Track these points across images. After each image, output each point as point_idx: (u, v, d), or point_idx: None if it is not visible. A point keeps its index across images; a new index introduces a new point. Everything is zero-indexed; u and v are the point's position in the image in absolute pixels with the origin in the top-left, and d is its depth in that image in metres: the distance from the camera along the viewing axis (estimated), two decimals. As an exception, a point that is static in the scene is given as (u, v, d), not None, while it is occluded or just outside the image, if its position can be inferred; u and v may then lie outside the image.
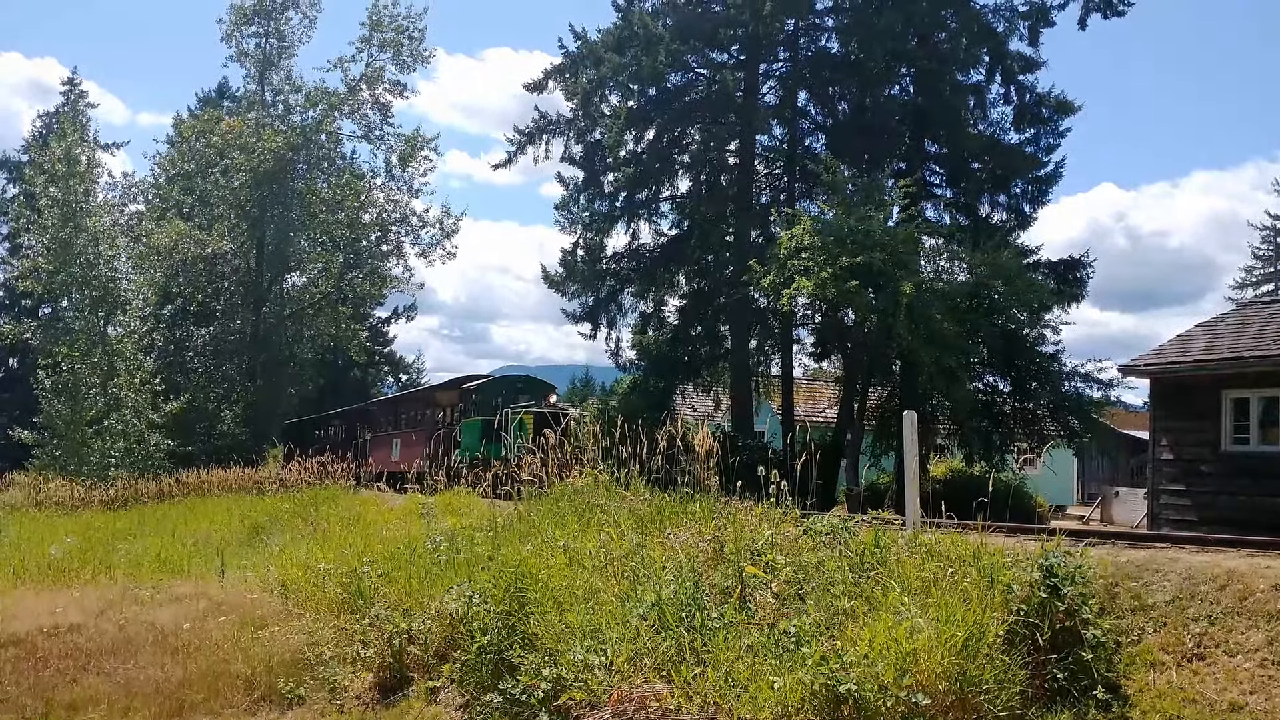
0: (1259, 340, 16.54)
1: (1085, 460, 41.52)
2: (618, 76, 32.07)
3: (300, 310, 50.80)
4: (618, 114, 32.95)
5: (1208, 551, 9.08)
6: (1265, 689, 6.77)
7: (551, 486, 13.62)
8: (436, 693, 10.36)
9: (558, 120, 34.84)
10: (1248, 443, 16.12)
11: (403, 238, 51.16)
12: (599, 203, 35.12)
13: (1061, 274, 31.13)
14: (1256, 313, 18.81)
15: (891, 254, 23.62)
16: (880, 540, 9.11)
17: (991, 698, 6.88)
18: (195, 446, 43.67)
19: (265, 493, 28.88)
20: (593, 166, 34.70)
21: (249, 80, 51.88)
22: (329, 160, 50.08)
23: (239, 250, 48.22)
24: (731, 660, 7.46)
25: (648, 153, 33.95)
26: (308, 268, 51.81)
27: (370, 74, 48.10)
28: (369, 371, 65.57)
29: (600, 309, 35.55)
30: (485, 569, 10.97)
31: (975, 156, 32.14)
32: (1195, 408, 16.75)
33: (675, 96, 33.35)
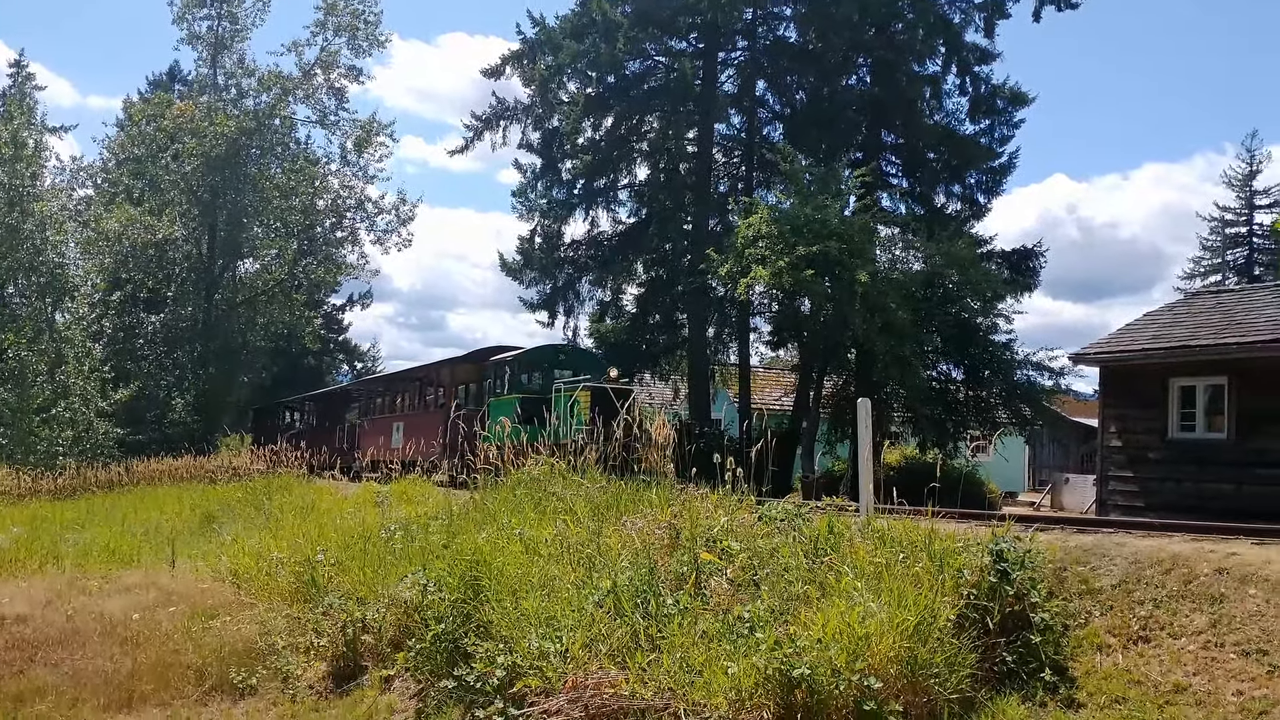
0: (1205, 330, 16.84)
1: (1036, 447, 42.13)
2: (576, 63, 31.92)
3: (253, 297, 50.15)
4: (576, 101, 32.83)
5: (1154, 536, 9.24)
6: (1208, 670, 6.92)
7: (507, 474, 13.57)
8: (390, 681, 10.33)
9: (515, 107, 34.66)
10: (1194, 430, 16.43)
11: (358, 224, 50.68)
12: (557, 190, 34.99)
13: (1014, 264, 31.51)
14: (1203, 302, 19.15)
15: (847, 243, 23.78)
16: (834, 526, 9.19)
17: (942, 680, 6.97)
18: (146, 435, 43.02)
19: (218, 481, 28.53)
20: (551, 154, 34.55)
21: (201, 64, 51.11)
22: (283, 145, 49.40)
23: (190, 236, 47.48)
24: (686, 646, 7.49)
25: (606, 140, 33.87)
26: (261, 254, 51.12)
27: (325, 58, 47.52)
28: (323, 359, 64.97)
29: (558, 297, 35.47)
30: (440, 557, 10.93)
31: (931, 147, 32.41)
32: (1143, 396, 17.03)
33: (634, 84, 33.28)
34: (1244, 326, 16.35)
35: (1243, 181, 58.21)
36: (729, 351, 36.25)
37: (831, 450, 30.51)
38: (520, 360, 23.59)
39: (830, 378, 30.33)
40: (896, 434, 30.57)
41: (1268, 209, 56.11)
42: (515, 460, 14.14)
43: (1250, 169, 57.80)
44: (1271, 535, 8.84)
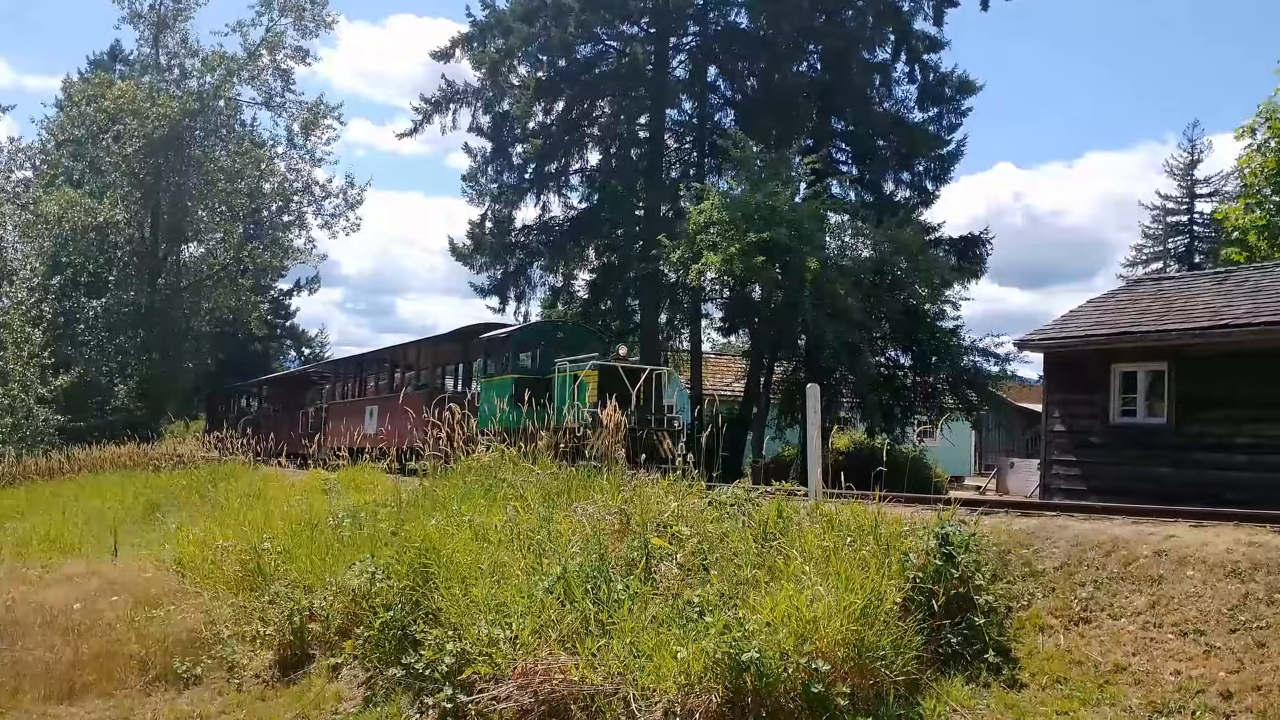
0: (1146, 316, 17.16)
1: (983, 432, 42.76)
2: (527, 47, 31.76)
3: (198, 282, 49.27)
4: (527, 85, 32.67)
5: (1095, 519, 9.41)
6: (1147, 650, 7.06)
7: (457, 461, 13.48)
8: (339, 669, 10.23)
9: (465, 90, 34.40)
10: (1135, 415, 16.74)
11: (305, 208, 49.88)
12: (508, 174, 34.83)
13: (962, 251, 31.91)
14: (1145, 289, 19.51)
15: (798, 230, 23.93)
16: (783, 511, 9.25)
17: (888, 663, 7.05)
18: (87, 422, 42.19)
19: (162, 469, 28.05)
20: (501, 137, 34.36)
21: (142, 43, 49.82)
22: (227, 127, 48.49)
23: (132, 219, 46.49)
24: (636, 631, 7.50)
25: (557, 124, 33.74)
26: (205, 238, 50.20)
27: (271, 39, 46.66)
28: (270, 345, 64.15)
29: (509, 282, 35.33)
30: (389, 544, 10.85)
31: (880, 134, 32.69)
32: (1086, 381, 17.32)
33: (585, 68, 33.18)
34: (1184, 313, 16.68)
35: (1184, 171, 59.35)
36: (681, 338, 36.36)
37: (781, 436, 30.73)
38: (515, 338, 21.72)
39: (780, 364, 30.54)
40: (846, 419, 30.86)
41: (1208, 198, 57.28)
42: (512, 443, 13.77)
43: (1191, 158, 58.96)
44: (1209, 518, 9.04)
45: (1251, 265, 21.36)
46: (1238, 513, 9.22)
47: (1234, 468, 15.01)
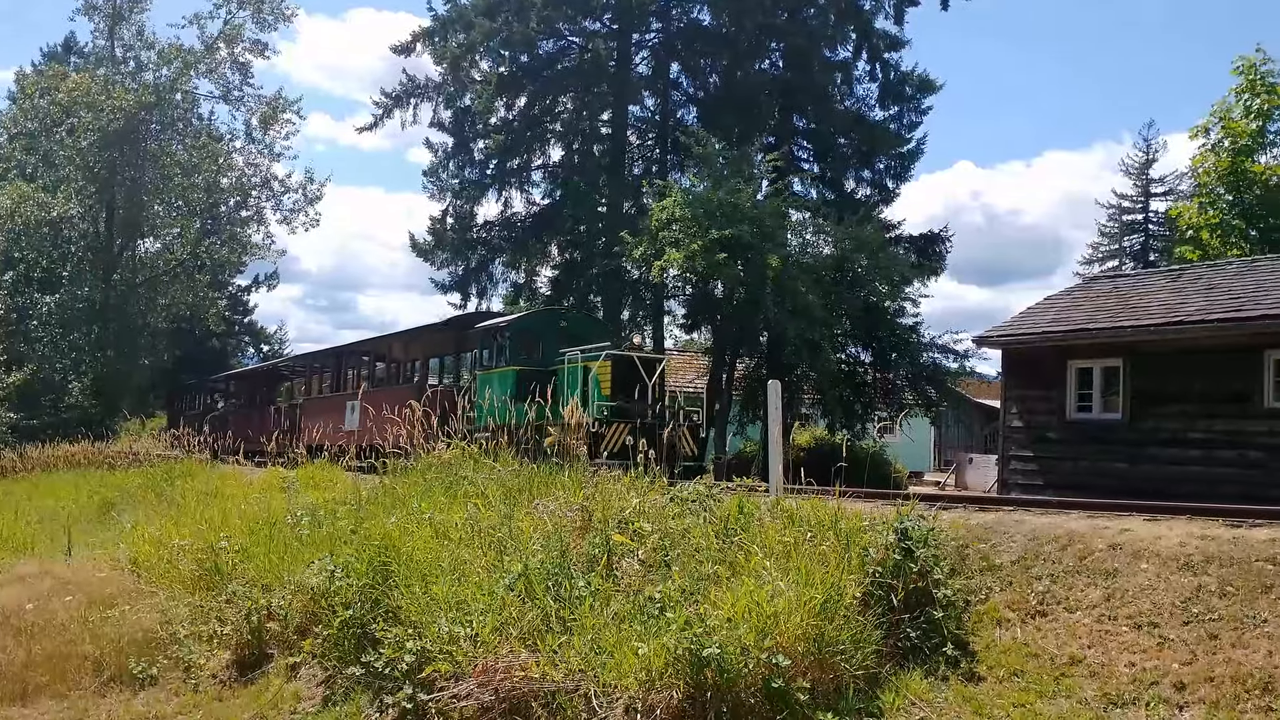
0: (1101, 313, 17.38)
1: (942, 428, 43.11)
2: (489, 41, 31.58)
3: (154, 277, 48.57)
4: (489, 80, 32.49)
5: (1051, 514, 9.53)
6: (1102, 643, 7.16)
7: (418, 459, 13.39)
8: (297, 669, 10.16)
9: (426, 84, 34.19)
10: (1091, 411, 16.96)
11: (263, 203, 49.31)
12: (469, 170, 34.66)
13: (921, 248, 32.18)
14: (1100, 287, 19.77)
15: (760, 227, 24.00)
16: (744, 507, 9.28)
17: (848, 657, 7.09)
18: (41, 420, 41.44)
19: (117, 467, 27.64)
20: (463, 133, 34.18)
21: (98, 35, 49.08)
22: (184, 121, 47.85)
23: (87, 214, 45.74)
24: (597, 628, 7.49)
25: (519, 120, 33.61)
26: (162, 233, 49.50)
27: (229, 32, 46.07)
28: (229, 341, 63.45)
29: (471, 279, 35.15)
30: (348, 542, 10.77)
31: (842, 132, 32.86)
32: (1043, 377, 17.51)
33: (547, 64, 33.07)
34: (1138, 310, 16.91)
35: (1139, 170, 60.18)
36: (644, 334, 36.37)
37: (743, 432, 30.83)
38: (516, 327, 20.22)
39: (742, 360, 30.63)
40: (807, 415, 31.02)
41: (1163, 197, 58.11)
42: (514, 441, 13.52)
43: (1147, 158, 59.81)
44: (1163, 512, 9.18)
45: (1205, 263, 21.70)
46: (1191, 506, 9.37)
47: (1188, 462, 15.25)
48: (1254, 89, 27.92)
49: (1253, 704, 6.14)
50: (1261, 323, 14.48)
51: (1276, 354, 14.62)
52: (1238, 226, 27.51)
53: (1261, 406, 14.63)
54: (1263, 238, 26.76)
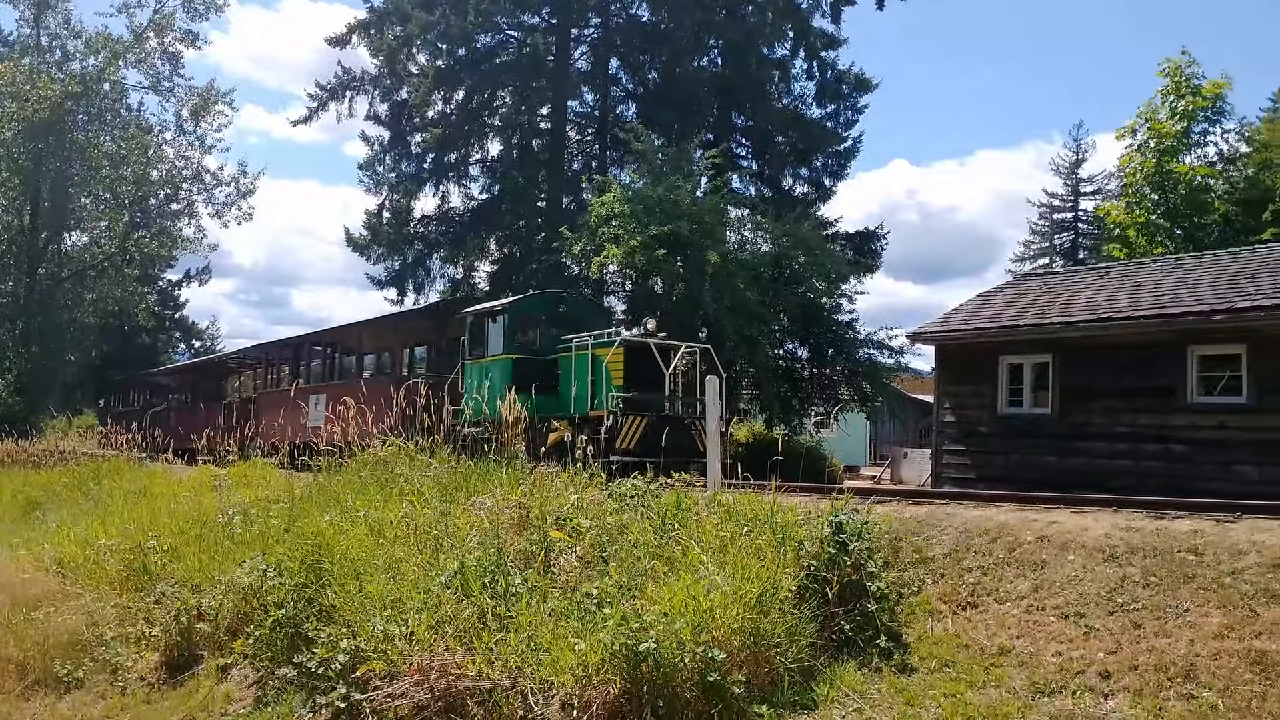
0: (1032, 310, 17.68)
1: (878, 423, 43.66)
2: (425, 34, 31.31)
3: (81, 271, 47.39)
4: (426, 73, 32.23)
5: (982, 507, 9.69)
6: (1030, 633, 7.29)
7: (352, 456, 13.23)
8: (228, 670, 10.00)
9: (362, 77, 33.81)
10: (1021, 405, 17.24)
11: (195, 196, 48.37)
12: (406, 163, 34.34)
13: (858, 246, 32.55)
14: (1031, 284, 20.12)
15: (699, 224, 24.09)
16: (682, 502, 9.32)
17: (783, 650, 7.15)
18: (-39, 418, 40.24)
19: (42, 466, 26.92)
20: (399, 126, 33.86)
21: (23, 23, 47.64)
22: (113, 112, 46.68)
23: (11, 206, 44.49)
24: (534, 625, 7.47)
25: (457, 114, 33.36)
26: (89, 226, 48.28)
27: (159, 21, 45.05)
28: (159, 337, 62.13)
29: (407, 274, 34.85)
30: (281, 541, 10.63)
31: (779, 130, 33.11)
32: (975, 373, 17.77)
33: (485, 58, 32.86)
34: (1067, 307, 17.23)
35: (1069, 169, 61.42)
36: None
37: (682, 428, 30.86)
38: (510, 312, 18.26)
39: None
40: (745, 411, 31.18)
41: (1092, 196, 59.33)
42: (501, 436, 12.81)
43: (1076, 157, 61.05)
44: (1089, 504, 9.38)
45: (1131, 261, 22.19)
46: (1116, 499, 9.59)
47: (1115, 456, 15.58)
48: (1179, 91, 28.62)
49: (1175, 691, 6.29)
50: (1185, 319, 14.83)
51: (1200, 350, 15.00)
52: (1163, 226, 28.17)
53: (1185, 401, 15.00)
54: (1186, 237, 27.44)
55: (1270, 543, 7.35)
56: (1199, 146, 29.05)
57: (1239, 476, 13.96)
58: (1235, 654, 6.39)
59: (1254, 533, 7.67)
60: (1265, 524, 7.97)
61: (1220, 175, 28.75)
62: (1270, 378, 14.17)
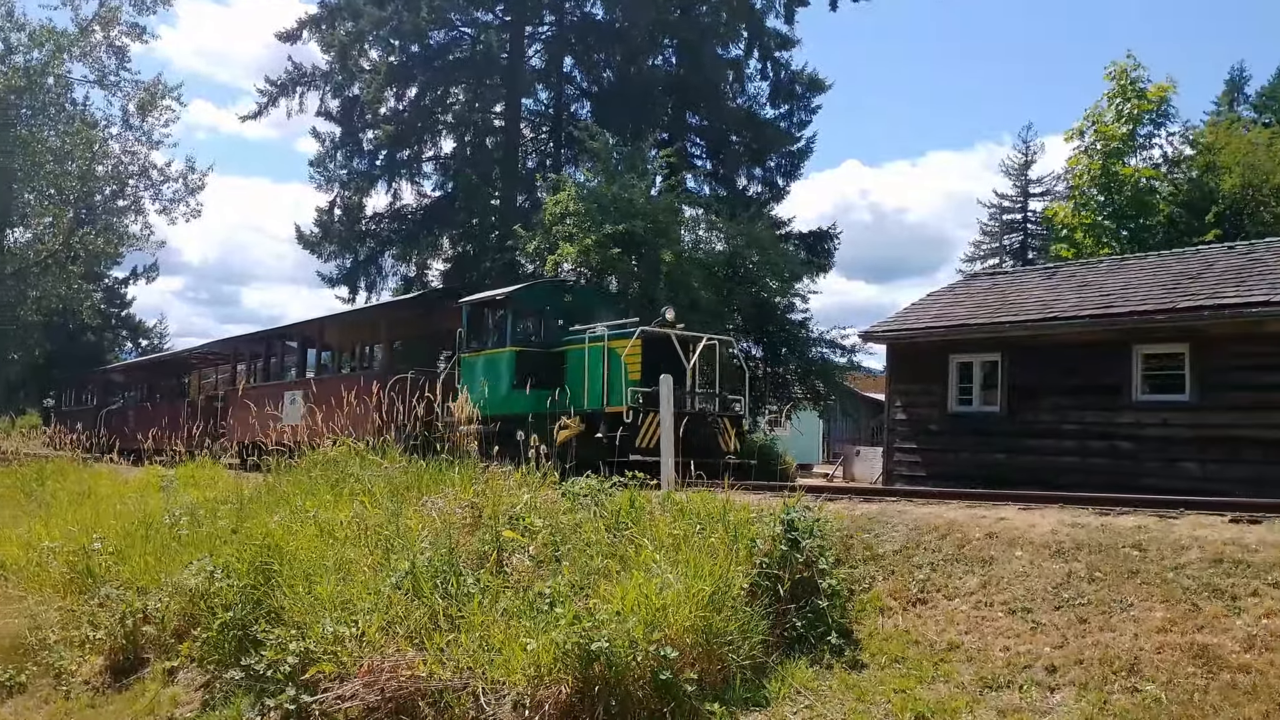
0: (981, 309, 17.91)
1: (831, 421, 43.99)
2: (378, 30, 31.06)
3: (24, 268, 46.39)
4: (378, 69, 31.99)
5: (932, 504, 9.80)
6: (978, 629, 7.37)
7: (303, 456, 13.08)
8: (175, 673, 9.86)
9: (314, 73, 33.47)
10: (971, 404, 17.46)
11: (142, 192, 47.52)
12: (358, 160, 34.06)
13: (811, 245, 32.77)
14: (981, 284, 20.37)
15: (653, 223, 24.11)
16: (635, 500, 9.31)
17: (735, 648, 7.17)
18: (-101, 417, 39.28)
19: (-19, 467, 26.32)
20: (351, 123, 33.57)
21: (-37, 16, 46.67)
22: (57, 106, 45.71)
23: (-48, 202, 43.55)
24: (486, 625, 7.43)
25: (410, 111, 33.15)
26: (33, 223, 47.31)
27: (105, 14, 44.22)
28: (105, 335, 61.06)
29: (359, 271, 34.56)
30: (229, 542, 10.49)
31: (734, 130, 33.26)
32: (926, 371, 17.96)
33: (438, 54, 32.67)
34: (1016, 306, 17.47)
35: (1019, 171, 62.35)
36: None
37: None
38: (514, 301, 17.02)
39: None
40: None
41: (1041, 197, 60.26)
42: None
43: (1026, 159, 61.99)
44: (1036, 501, 9.52)
45: (1078, 262, 22.55)
46: (1062, 496, 9.74)
47: (1062, 453, 15.83)
48: (1125, 94, 29.10)
49: (1119, 685, 6.39)
50: (1130, 319, 15.10)
51: (1144, 349, 15.27)
52: (1109, 227, 28.64)
53: (1130, 399, 15.27)
54: (1132, 237, 27.92)
55: (1211, 538, 7.49)
56: (1144, 149, 29.58)
57: (1182, 473, 14.25)
58: (1178, 647, 6.50)
59: (1196, 528, 7.82)
60: (1206, 520, 8.14)
61: (1165, 177, 29.28)
62: (1212, 376, 14.47)
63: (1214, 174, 28.18)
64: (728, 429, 14.95)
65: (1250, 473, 13.53)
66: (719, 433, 14.62)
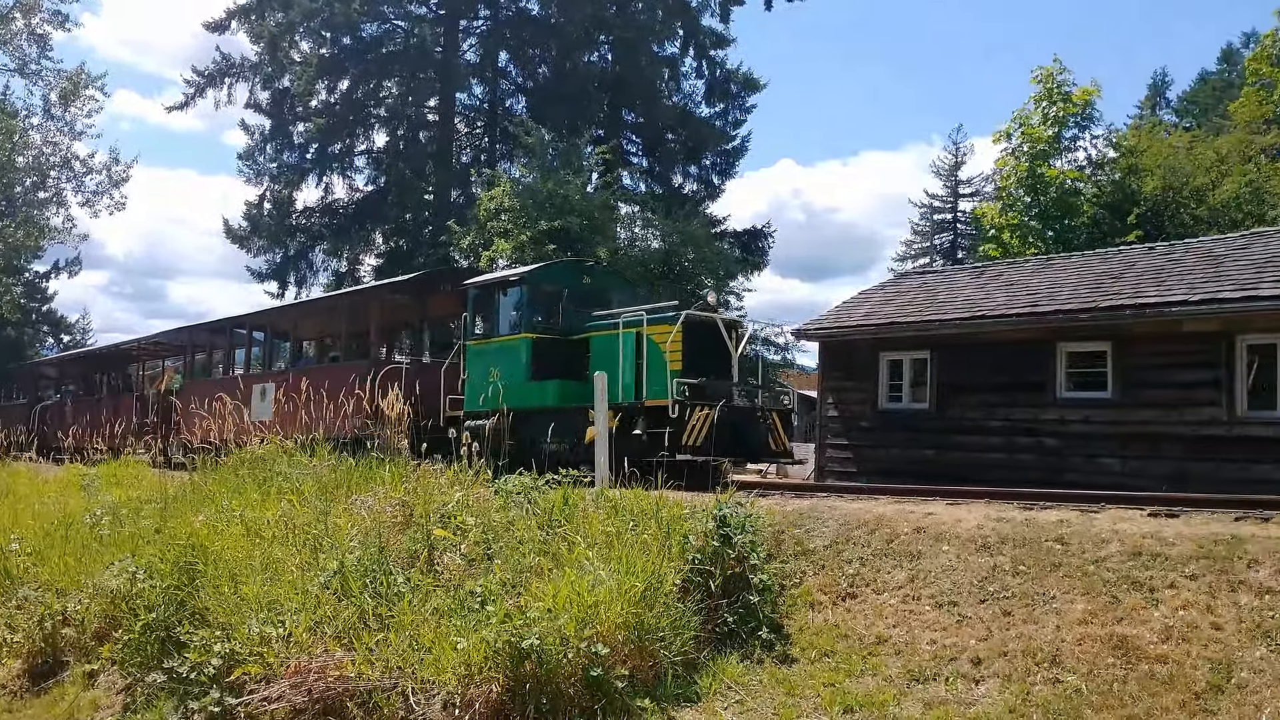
0: (911, 308, 18.15)
1: (766, 419, 44.20)
2: (309, 22, 30.64)
3: (-62, 262, 45.00)
4: (309, 61, 31.56)
5: (862, 499, 9.92)
6: (906, 622, 7.48)
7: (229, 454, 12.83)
8: (95, 676, 9.65)
9: (242, 64, 32.93)
10: (901, 401, 17.70)
11: (64, 184, 46.26)
12: (288, 154, 33.62)
13: (745, 244, 33.04)
14: (910, 282, 20.65)
15: (589, 219, 24.12)
16: (569, 498, 9.28)
17: (667, 644, 7.18)
18: None
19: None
20: (281, 115, 33.08)
21: (-126, -2, 45.02)
22: (-25, 95, 44.42)
23: None
24: (416, 624, 7.35)
25: (342, 104, 32.75)
26: (-51, 215, 45.86)
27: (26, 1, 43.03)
28: (25, 331, 59.35)
29: (289, 266, 34.07)
30: (152, 543, 10.26)
31: (669, 128, 33.39)
32: (857, 369, 18.16)
33: (371, 47, 32.33)
34: (944, 305, 17.73)
35: (949, 172, 63.40)
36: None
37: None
38: (529, 283, 15.36)
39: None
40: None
41: (970, 197, 61.35)
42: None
43: (955, 160, 63.09)
44: (963, 496, 9.69)
45: (1005, 261, 22.95)
46: (988, 491, 9.93)
47: (989, 449, 16.11)
48: (1051, 97, 29.70)
49: (1042, 676, 6.52)
50: (1055, 317, 15.40)
51: (1068, 347, 15.60)
52: (1035, 227, 29.21)
53: (1055, 397, 15.58)
54: (1057, 238, 28.50)
55: (1130, 531, 7.68)
56: (1069, 151, 30.21)
57: (1104, 468, 14.59)
58: (1098, 639, 6.65)
59: (1116, 522, 8.01)
60: (1126, 514, 8.36)
61: (1089, 179, 29.95)
62: (1132, 373, 14.83)
63: (1136, 176, 28.88)
64: (778, 426, 13.73)
65: (1170, 468, 13.90)
66: (770, 431, 13.44)
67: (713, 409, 12.52)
